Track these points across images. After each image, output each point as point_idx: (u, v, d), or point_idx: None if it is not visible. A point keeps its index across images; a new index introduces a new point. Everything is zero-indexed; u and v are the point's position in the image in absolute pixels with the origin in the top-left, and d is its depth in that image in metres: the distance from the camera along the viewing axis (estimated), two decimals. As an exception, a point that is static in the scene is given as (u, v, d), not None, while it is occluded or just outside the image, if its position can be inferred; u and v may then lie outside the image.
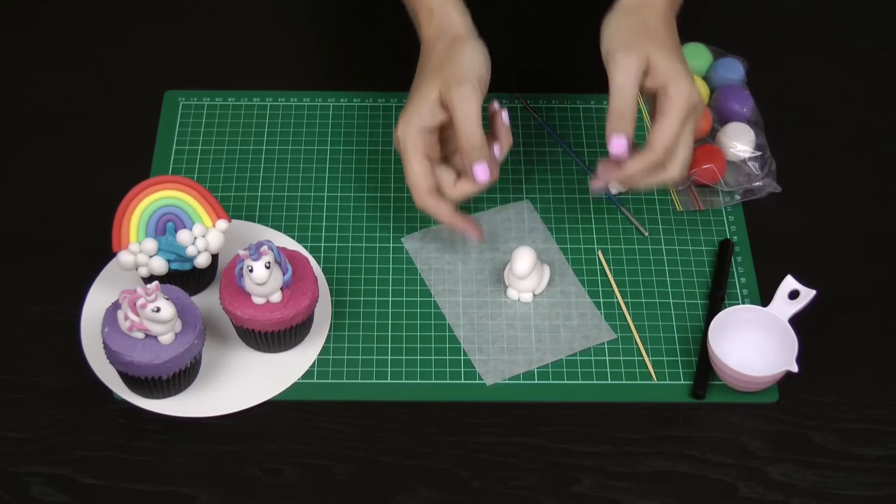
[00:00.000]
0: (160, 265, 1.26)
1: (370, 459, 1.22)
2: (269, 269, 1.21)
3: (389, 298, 1.34)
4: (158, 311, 1.17)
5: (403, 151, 1.29)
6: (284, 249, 1.25)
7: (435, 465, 1.22)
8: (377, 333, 1.31)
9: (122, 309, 1.19)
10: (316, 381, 1.28)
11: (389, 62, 1.56)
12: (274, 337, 1.26)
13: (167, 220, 1.28)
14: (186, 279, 1.30)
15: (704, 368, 1.28)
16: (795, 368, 1.23)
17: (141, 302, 1.17)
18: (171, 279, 1.29)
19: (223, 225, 1.29)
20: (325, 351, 1.30)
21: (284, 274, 1.23)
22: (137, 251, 1.26)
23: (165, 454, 1.22)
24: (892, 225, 1.42)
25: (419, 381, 1.28)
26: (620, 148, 1.25)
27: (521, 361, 1.29)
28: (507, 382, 1.28)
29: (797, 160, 1.47)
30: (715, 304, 1.33)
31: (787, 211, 1.43)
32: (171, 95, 1.51)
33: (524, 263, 1.30)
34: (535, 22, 1.62)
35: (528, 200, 1.42)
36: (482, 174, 1.27)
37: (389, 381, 1.28)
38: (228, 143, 1.47)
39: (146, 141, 1.47)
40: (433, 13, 1.33)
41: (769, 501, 1.20)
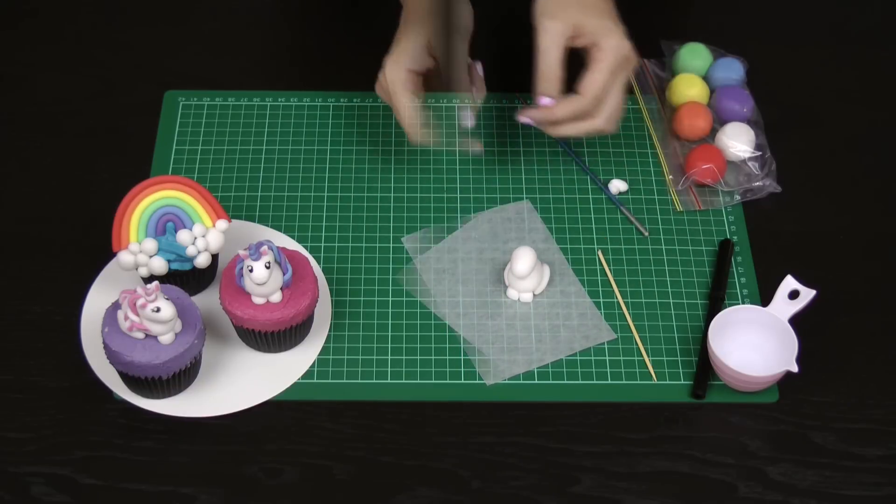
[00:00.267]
0: (160, 265, 1.26)
1: (370, 459, 1.22)
2: (269, 269, 1.20)
3: (389, 298, 1.34)
4: (158, 311, 1.17)
5: (394, 93, 1.36)
6: (284, 249, 1.25)
7: (435, 465, 1.22)
8: (377, 333, 1.31)
9: (122, 309, 1.19)
10: (316, 381, 1.28)
11: (389, 62, 1.56)
12: (274, 337, 1.26)
13: (167, 220, 1.28)
14: (186, 279, 1.30)
15: (704, 368, 1.28)
16: (795, 368, 1.23)
17: (141, 302, 1.17)
18: (171, 279, 1.29)
19: (223, 225, 1.29)
20: (325, 351, 1.30)
21: (284, 274, 1.23)
22: (137, 251, 1.26)
23: (165, 454, 1.22)
24: (892, 225, 1.42)
25: (419, 381, 1.28)
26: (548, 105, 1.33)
27: (521, 361, 1.29)
28: (507, 382, 1.28)
29: (797, 160, 1.47)
30: (715, 304, 1.33)
31: (787, 211, 1.43)
32: (171, 95, 1.51)
33: (524, 263, 1.30)
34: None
35: (528, 200, 1.42)
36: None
37: (389, 381, 1.28)
38: (228, 143, 1.47)
39: (146, 141, 1.47)
40: None
41: (769, 501, 1.20)
